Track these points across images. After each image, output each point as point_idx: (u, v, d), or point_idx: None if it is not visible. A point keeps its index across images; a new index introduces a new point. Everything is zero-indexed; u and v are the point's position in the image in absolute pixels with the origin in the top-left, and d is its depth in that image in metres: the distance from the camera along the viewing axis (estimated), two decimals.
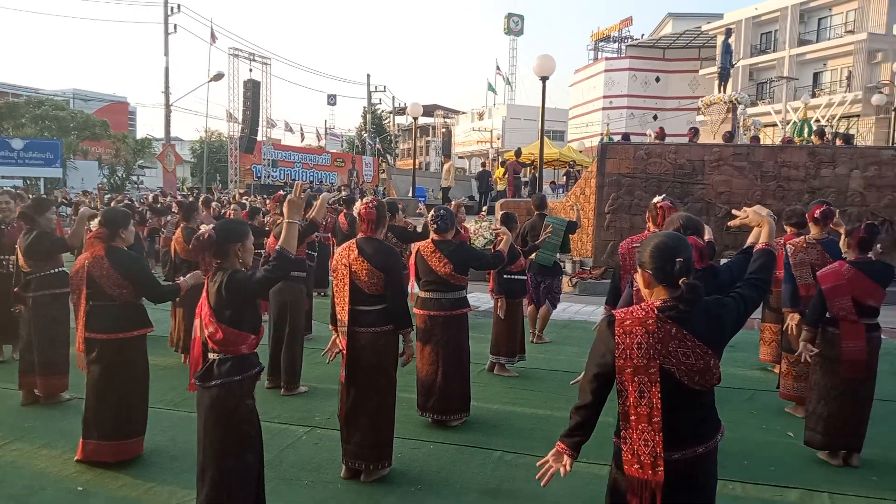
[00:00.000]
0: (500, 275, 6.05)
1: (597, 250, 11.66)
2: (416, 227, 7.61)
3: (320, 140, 49.76)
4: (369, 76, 47.91)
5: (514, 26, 54.78)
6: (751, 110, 25.35)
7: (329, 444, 4.23)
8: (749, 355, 6.47)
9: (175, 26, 31.24)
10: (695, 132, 14.60)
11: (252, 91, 29.59)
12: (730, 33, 19.28)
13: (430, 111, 52.76)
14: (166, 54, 31.38)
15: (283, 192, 6.00)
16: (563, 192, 20.75)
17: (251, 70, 29.71)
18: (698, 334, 2.09)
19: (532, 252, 6.64)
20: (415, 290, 4.88)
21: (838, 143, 14.16)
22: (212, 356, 2.93)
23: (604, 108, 44.29)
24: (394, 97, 48.56)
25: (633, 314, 2.14)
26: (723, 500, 3.53)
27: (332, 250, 8.83)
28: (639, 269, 2.24)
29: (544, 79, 13.42)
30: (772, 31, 36.57)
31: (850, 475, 4.02)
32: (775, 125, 23.08)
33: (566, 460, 2.25)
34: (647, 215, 4.15)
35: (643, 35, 48.11)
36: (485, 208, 17.97)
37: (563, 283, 9.35)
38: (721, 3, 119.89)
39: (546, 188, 23.94)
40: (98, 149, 34.87)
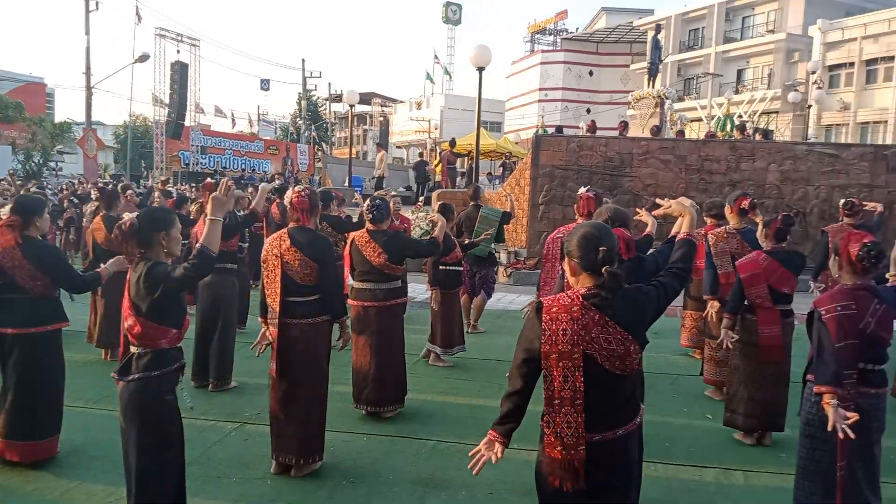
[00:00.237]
0: (435, 266, 6.06)
1: (531, 241, 11.85)
2: (353, 217, 7.52)
3: (253, 126, 48.43)
4: (304, 61, 47.04)
5: (453, 15, 54.66)
6: (678, 105, 26.27)
7: (259, 440, 4.14)
8: (672, 341, 6.74)
9: (97, 3, 29.55)
10: (624, 126, 15.02)
11: (180, 74, 28.47)
12: (659, 29, 19.93)
13: (367, 99, 52.08)
14: (87, 33, 29.61)
15: (213, 181, 5.79)
16: (499, 183, 20.94)
17: (179, 52, 28.59)
18: (619, 321, 2.16)
19: (470, 249, 6.75)
20: (350, 280, 4.83)
21: (758, 138, 14.89)
22: (132, 349, 2.82)
23: (539, 101, 44.91)
24: (330, 84, 47.80)
25: (560, 301, 2.20)
26: (645, 480, 3.67)
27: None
28: (566, 258, 2.29)
29: (481, 69, 13.49)
30: (699, 28, 38.01)
31: (762, 454, 4.27)
32: (701, 120, 24.04)
33: (497, 448, 2.29)
34: (575, 206, 4.27)
35: (578, 29, 49.07)
36: (421, 199, 17.96)
37: (498, 273, 9.49)
38: None
39: (483, 179, 24.10)
40: (12, 132, 32.68)
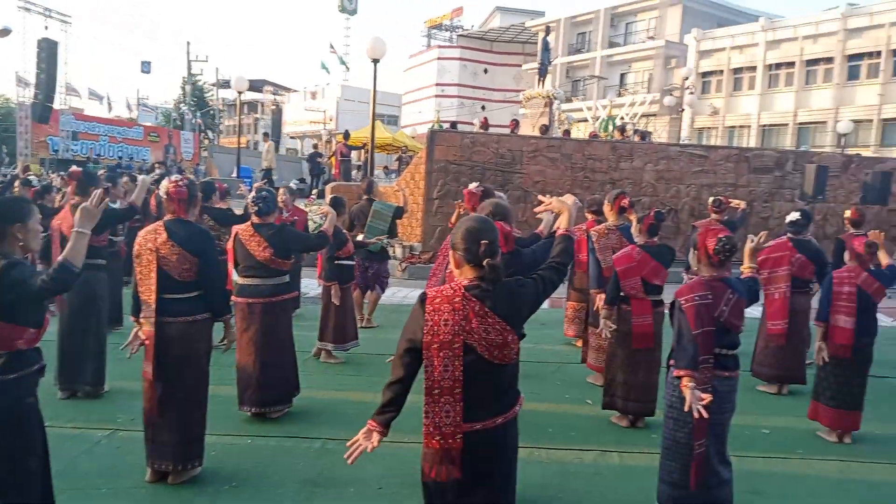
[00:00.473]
0: (329, 261, 5.96)
1: (426, 235, 11.94)
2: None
3: (132, 112, 45.27)
4: (189, 43, 44.48)
5: (349, 4, 53.75)
6: (566, 106, 27.41)
7: (133, 448, 3.87)
8: (556, 331, 7.03)
9: None
10: (516, 124, 15.48)
11: (47, 52, 25.95)
12: (549, 31, 20.65)
13: (258, 86, 50.17)
14: None
15: (80, 169, 5.35)
16: (395, 177, 20.95)
17: (47, 27, 26.14)
18: (499, 312, 2.22)
19: (362, 247, 6.76)
20: (234, 276, 4.64)
21: (636, 139, 15.83)
22: None
23: (436, 96, 45.28)
24: (217, 69, 45.44)
25: (443, 292, 2.24)
26: (530, 466, 3.84)
27: None
28: (451, 251, 2.33)
29: (376, 61, 13.40)
30: (587, 33, 39.82)
31: (636, 435, 4.57)
32: (587, 120, 25.19)
33: (375, 437, 2.30)
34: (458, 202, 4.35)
35: (473, 26, 49.84)
36: (315, 191, 17.59)
37: (394, 267, 9.48)
38: (547, 0, 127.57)
39: (379, 173, 24.00)
40: None
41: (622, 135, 15.64)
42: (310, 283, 8.67)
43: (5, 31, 25.13)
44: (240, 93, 21.51)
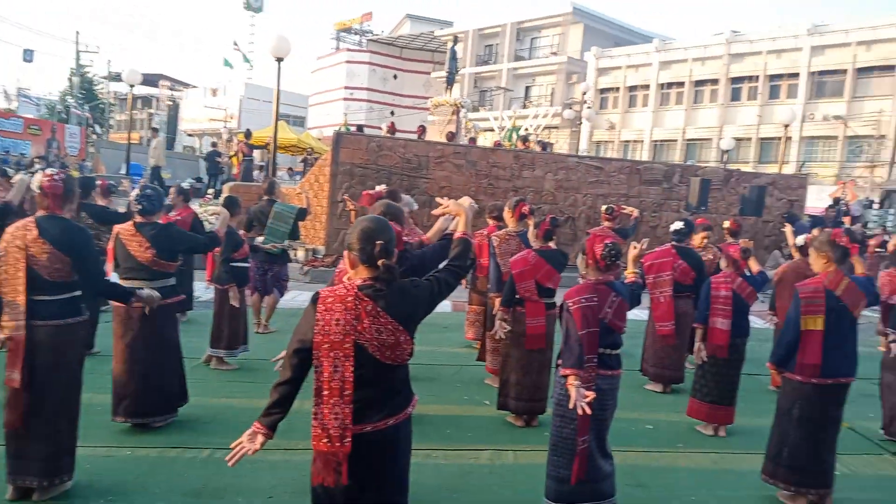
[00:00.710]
0: (224, 263, 5.72)
1: (329, 238, 11.74)
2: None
3: (11, 102, 41.65)
4: (78, 33, 41.53)
5: (254, 1, 52.21)
6: (473, 115, 27.95)
7: None
8: (458, 335, 7.10)
9: None
10: (423, 130, 15.58)
11: None
12: (456, 41, 21.00)
13: (153, 81, 47.53)
14: None
15: None
16: (300, 179, 20.49)
17: None
18: (392, 312, 2.20)
19: (257, 251, 6.56)
20: (112, 277, 4.34)
21: (538, 149, 16.35)
22: None
23: (345, 99, 44.74)
24: (109, 61, 42.75)
25: (336, 292, 2.21)
26: (427, 468, 3.85)
27: None
28: (346, 251, 2.29)
29: (280, 60, 13.06)
30: (494, 45, 40.79)
31: (530, 434, 4.69)
32: (492, 130, 25.75)
33: (259, 440, 2.23)
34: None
35: (383, 32, 49.73)
36: (211, 191, 16.88)
37: (296, 271, 9.25)
38: (456, 11, 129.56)
39: (283, 174, 23.39)
40: None
41: (525, 145, 16.10)
42: (198, 286, 8.28)
43: None
44: (132, 86, 20.28)
